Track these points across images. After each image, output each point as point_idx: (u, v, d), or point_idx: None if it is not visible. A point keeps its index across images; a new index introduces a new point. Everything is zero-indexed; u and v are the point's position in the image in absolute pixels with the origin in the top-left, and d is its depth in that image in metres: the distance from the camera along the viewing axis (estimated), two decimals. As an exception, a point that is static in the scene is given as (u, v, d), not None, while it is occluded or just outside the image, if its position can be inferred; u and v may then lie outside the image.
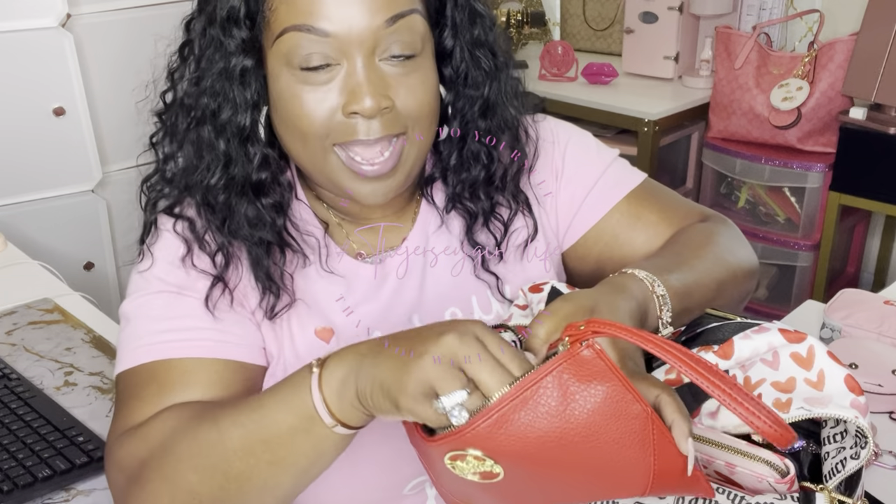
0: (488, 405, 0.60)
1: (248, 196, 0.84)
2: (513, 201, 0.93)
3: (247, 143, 0.83)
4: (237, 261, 0.86)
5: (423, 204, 0.94)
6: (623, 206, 0.96)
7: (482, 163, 0.90)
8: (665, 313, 0.79)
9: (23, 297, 1.47)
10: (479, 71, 0.87)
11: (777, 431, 0.61)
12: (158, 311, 0.85)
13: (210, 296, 0.84)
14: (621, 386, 0.59)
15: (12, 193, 2.21)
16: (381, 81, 0.78)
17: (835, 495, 0.65)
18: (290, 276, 0.87)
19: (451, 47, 0.85)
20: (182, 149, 0.85)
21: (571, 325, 0.61)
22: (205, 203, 0.85)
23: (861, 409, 0.65)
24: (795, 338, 0.70)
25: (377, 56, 0.78)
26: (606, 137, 2.78)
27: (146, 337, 0.84)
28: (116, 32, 2.26)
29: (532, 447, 0.60)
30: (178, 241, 0.86)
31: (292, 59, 0.78)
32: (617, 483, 0.64)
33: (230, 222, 0.84)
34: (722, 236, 0.93)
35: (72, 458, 1.04)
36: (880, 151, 2.39)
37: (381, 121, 0.78)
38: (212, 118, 0.83)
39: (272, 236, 0.85)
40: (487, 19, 0.87)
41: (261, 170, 0.84)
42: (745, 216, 2.77)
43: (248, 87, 0.81)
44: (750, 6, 2.80)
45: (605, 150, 1.00)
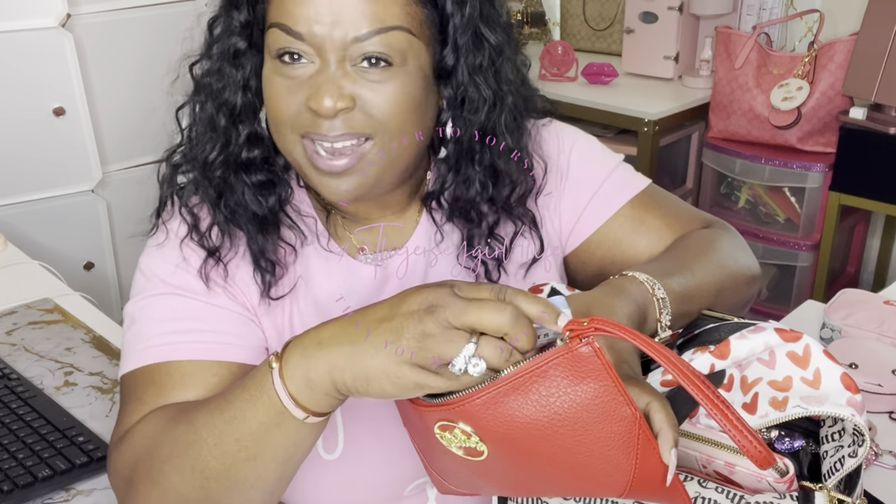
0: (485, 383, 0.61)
1: (240, 175, 0.86)
2: (517, 221, 0.92)
3: (238, 122, 0.85)
4: (237, 251, 0.87)
5: (425, 212, 0.94)
6: (627, 211, 0.96)
7: (476, 187, 0.89)
8: (664, 316, 0.79)
9: (23, 297, 1.47)
10: (478, 96, 0.85)
11: (760, 452, 0.62)
12: (161, 313, 0.85)
13: (203, 267, 0.86)
14: (613, 387, 0.60)
15: (12, 193, 2.21)
16: (348, 81, 0.78)
17: (834, 494, 0.65)
18: (292, 249, 0.88)
19: (451, 66, 0.84)
20: (197, 124, 0.88)
21: (574, 321, 0.61)
22: (204, 177, 0.86)
23: (857, 406, 0.65)
24: (791, 337, 0.70)
25: (349, 62, 0.78)
26: (606, 137, 2.78)
27: (148, 339, 0.84)
28: (116, 32, 2.26)
29: (518, 432, 0.61)
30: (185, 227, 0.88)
31: (273, 50, 0.80)
32: (595, 482, 0.64)
33: (226, 197, 0.86)
34: (724, 242, 0.94)
35: (72, 458, 1.04)
36: (880, 151, 2.38)
37: (342, 120, 0.79)
38: (215, 96, 0.85)
39: (266, 213, 0.87)
40: (495, 45, 0.85)
41: (250, 149, 0.86)
42: (745, 216, 2.77)
43: (240, 69, 0.84)
44: (750, 6, 2.80)
45: (610, 154, 1.00)
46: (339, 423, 0.86)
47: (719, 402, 0.61)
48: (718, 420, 0.61)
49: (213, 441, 0.72)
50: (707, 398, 0.60)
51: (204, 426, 0.73)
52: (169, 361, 0.83)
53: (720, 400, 0.61)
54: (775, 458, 0.64)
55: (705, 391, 0.61)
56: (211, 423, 0.73)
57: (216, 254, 0.86)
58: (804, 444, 0.72)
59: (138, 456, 0.78)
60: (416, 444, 0.75)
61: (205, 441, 0.73)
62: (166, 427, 0.77)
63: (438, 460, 0.71)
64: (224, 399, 0.74)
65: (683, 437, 0.71)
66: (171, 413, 0.79)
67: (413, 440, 0.75)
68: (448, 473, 0.73)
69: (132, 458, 0.78)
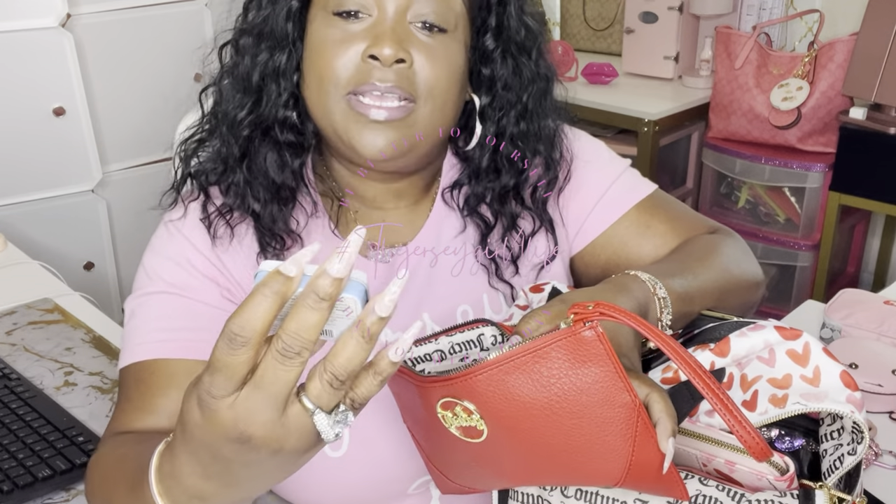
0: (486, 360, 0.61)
1: (271, 134, 0.87)
2: (536, 218, 0.94)
3: (280, 79, 0.86)
4: (245, 227, 0.88)
5: (438, 205, 0.94)
6: (633, 215, 0.96)
7: (512, 171, 0.91)
8: (665, 315, 0.80)
9: (23, 297, 1.47)
10: (519, 78, 0.88)
11: (757, 443, 0.62)
12: (157, 311, 0.86)
13: (214, 226, 0.87)
14: (614, 372, 0.60)
15: (12, 193, 2.21)
16: (406, 37, 0.81)
17: (834, 492, 0.65)
18: (297, 237, 0.89)
19: (492, 49, 0.87)
20: (221, 84, 0.89)
21: (579, 304, 0.61)
22: (231, 135, 0.87)
23: (857, 404, 0.65)
24: (791, 335, 0.71)
25: (409, 17, 0.81)
26: (606, 137, 2.78)
27: (142, 335, 0.86)
28: (116, 32, 2.27)
29: (518, 411, 0.62)
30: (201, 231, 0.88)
31: (328, 3, 0.82)
32: (592, 468, 0.65)
33: (249, 160, 0.87)
34: (728, 247, 0.94)
35: (72, 458, 1.04)
36: (880, 151, 2.38)
37: (396, 72, 0.80)
38: (253, 56, 0.86)
39: (286, 178, 0.87)
40: (535, 31, 0.90)
41: (287, 108, 0.86)
42: (745, 216, 2.77)
43: (293, 26, 0.84)
44: (750, 6, 2.80)
45: (618, 159, 1.01)
46: None
47: (718, 390, 0.61)
48: (717, 408, 0.62)
49: None
50: (706, 385, 0.61)
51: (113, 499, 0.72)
52: (157, 360, 0.84)
53: (718, 388, 0.62)
54: (772, 451, 0.64)
55: (704, 378, 0.61)
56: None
57: (227, 215, 0.87)
58: (804, 444, 0.72)
59: (89, 488, 0.81)
60: (416, 436, 0.75)
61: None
62: (100, 486, 0.77)
63: (439, 449, 0.71)
64: (130, 481, 0.67)
65: (684, 435, 0.71)
66: (111, 459, 0.77)
67: (413, 433, 0.75)
68: (448, 465, 0.73)
69: (89, 485, 0.82)
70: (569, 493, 0.72)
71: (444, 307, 0.91)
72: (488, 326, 0.79)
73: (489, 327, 0.79)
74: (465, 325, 0.79)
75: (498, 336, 0.79)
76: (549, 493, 0.73)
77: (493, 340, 0.79)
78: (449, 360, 0.76)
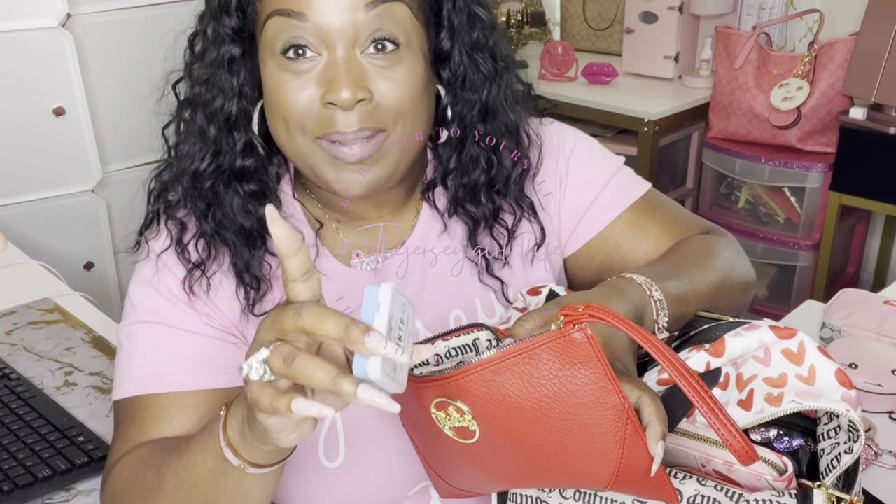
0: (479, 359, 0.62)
1: (233, 184, 0.86)
2: (517, 206, 0.93)
3: (233, 130, 0.85)
4: (221, 266, 0.87)
5: (424, 207, 0.94)
6: (627, 217, 0.96)
7: (482, 167, 0.90)
8: (662, 318, 0.80)
9: (23, 297, 1.47)
10: (477, 74, 0.87)
11: (742, 447, 0.62)
12: (141, 344, 0.87)
13: (187, 280, 0.86)
14: (604, 375, 0.60)
15: (12, 193, 2.21)
16: (360, 73, 0.78)
17: (832, 492, 0.65)
18: (278, 265, 0.87)
19: (448, 49, 0.85)
20: (185, 138, 0.88)
21: (569, 306, 0.61)
22: (193, 188, 0.86)
23: (852, 402, 0.65)
24: (786, 334, 0.71)
25: (358, 48, 0.78)
26: (606, 137, 2.78)
27: (130, 370, 0.86)
28: (116, 32, 2.26)
29: (509, 412, 0.62)
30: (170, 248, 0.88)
31: (275, 45, 0.79)
32: (582, 470, 0.65)
33: (215, 209, 0.86)
34: (722, 249, 0.94)
35: (72, 458, 1.04)
36: (880, 151, 2.38)
37: (360, 112, 0.78)
38: (205, 106, 0.85)
39: (254, 225, 0.86)
40: (487, 23, 0.87)
41: (245, 157, 0.86)
42: (745, 216, 2.77)
43: (235, 75, 0.83)
44: (750, 6, 2.80)
45: (611, 157, 1.00)
46: (340, 431, 0.86)
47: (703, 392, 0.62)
48: (702, 410, 0.62)
49: (174, 485, 0.74)
50: (692, 388, 0.61)
51: (168, 471, 0.75)
52: (147, 395, 0.85)
53: (704, 390, 0.62)
54: (758, 455, 0.64)
55: (691, 381, 0.61)
56: (173, 467, 0.75)
57: (201, 266, 0.86)
58: (803, 443, 0.72)
59: (115, 499, 0.81)
60: (414, 438, 0.75)
61: (168, 485, 0.75)
62: (138, 472, 0.80)
63: (434, 451, 0.71)
64: (186, 443, 0.75)
65: (682, 435, 0.71)
66: (145, 455, 0.81)
67: (411, 436, 0.75)
68: (444, 467, 0.73)
69: (111, 500, 0.82)
70: (567, 494, 0.72)
71: (436, 313, 0.91)
72: (483, 331, 0.79)
73: (484, 332, 0.79)
74: (460, 330, 0.79)
75: (493, 340, 0.79)
76: (548, 494, 0.73)
77: (489, 345, 0.79)
78: (445, 363, 0.76)
